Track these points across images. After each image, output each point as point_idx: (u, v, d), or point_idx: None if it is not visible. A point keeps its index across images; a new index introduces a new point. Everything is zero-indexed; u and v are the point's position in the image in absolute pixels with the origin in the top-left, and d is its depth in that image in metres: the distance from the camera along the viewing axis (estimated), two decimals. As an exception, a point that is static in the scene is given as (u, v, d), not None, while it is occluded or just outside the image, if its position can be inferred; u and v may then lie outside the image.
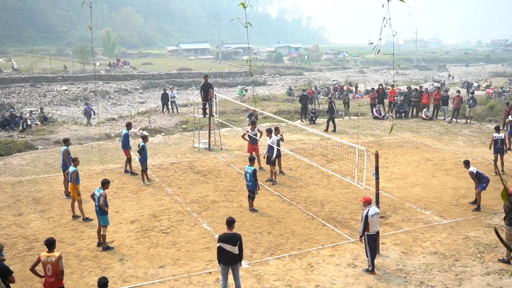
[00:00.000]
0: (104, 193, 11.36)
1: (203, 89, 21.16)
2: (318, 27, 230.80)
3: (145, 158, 16.00)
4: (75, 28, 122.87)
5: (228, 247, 8.99)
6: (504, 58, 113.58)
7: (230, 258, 9.05)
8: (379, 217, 10.49)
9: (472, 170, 13.68)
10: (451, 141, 22.32)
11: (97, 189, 11.55)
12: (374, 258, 10.22)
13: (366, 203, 10.30)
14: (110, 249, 11.35)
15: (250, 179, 13.42)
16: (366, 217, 10.06)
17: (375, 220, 10.16)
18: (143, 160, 16.01)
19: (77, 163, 13.67)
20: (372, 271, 10.16)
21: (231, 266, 9.12)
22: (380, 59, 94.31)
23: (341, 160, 18.18)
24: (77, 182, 13.28)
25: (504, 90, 42.07)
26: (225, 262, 9.09)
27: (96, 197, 11.43)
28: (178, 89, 50.72)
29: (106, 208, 11.32)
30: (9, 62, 67.77)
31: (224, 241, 9.03)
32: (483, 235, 12.06)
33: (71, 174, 13.19)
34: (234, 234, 9.17)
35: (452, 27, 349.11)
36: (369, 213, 10.08)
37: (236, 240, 9.04)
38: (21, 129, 24.94)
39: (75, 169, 13.30)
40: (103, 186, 11.55)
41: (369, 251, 10.14)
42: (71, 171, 13.24)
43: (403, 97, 28.86)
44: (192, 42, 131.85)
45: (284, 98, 38.63)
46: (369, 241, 10.13)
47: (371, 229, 10.11)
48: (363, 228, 10.11)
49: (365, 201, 10.35)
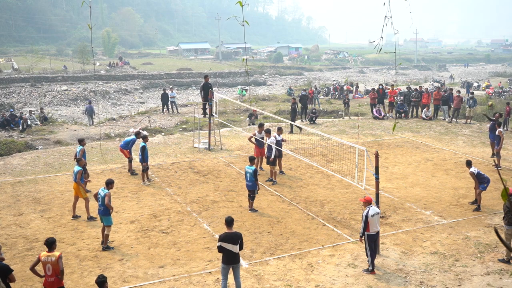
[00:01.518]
0: (108, 193, 11.41)
1: (203, 89, 21.17)
2: (318, 27, 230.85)
3: (145, 158, 16.02)
4: (75, 28, 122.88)
5: (229, 246, 9.00)
6: (504, 58, 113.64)
7: (231, 257, 9.06)
8: (379, 217, 10.49)
9: (473, 171, 13.67)
10: (451, 141, 22.33)
11: (101, 189, 11.56)
12: (374, 258, 10.22)
13: (366, 203, 10.30)
14: (110, 249, 11.35)
15: (251, 179, 13.42)
16: (366, 217, 10.07)
17: (375, 220, 10.16)
18: (143, 160, 16.03)
19: (82, 163, 13.83)
20: (372, 271, 10.16)
21: (232, 265, 9.12)
22: (380, 59, 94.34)
23: (341, 160, 18.18)
24: (82, 181, 13.36)
25: (504, 90, 42.09)
26: (226, 262, 9.09)
27: (100, 197, 11.43)
28: (178, 89, 50.74)
29: (111, 207, 11.38)
30: (9, 62, 67.75)
31: (225, 240, 9.03)
32: (483, 235, 12.07)
33: (76, 174, 13.27)
34: (235, 233, 9.20)
35: (452, 27, 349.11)
36: (369, 213, 10.08)
37: (237, 239, 9.06)
38: (21, 129, 24.94)
39: (80, 168, 13.34)
40: (108, 186, 11.59)
41: (369, 251, 10.14)
42: (76, 171, 13.33)
43: (403, 97, 28.87)
44: (192, 42, 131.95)
45: (284, 98, 38.64)
46: (369, 241, 10.13)
47: (371, 229, 10.11)
48: (363, 228, 10.11)
49: (365, 201, 10.35)
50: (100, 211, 11.47)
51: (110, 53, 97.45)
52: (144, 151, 16.00)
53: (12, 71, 58.56)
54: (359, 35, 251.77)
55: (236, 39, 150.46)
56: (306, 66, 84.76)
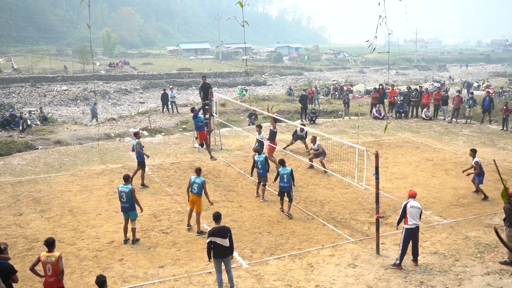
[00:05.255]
0: (133, 188, 11.61)
1: (202, 89, 21.16)
2: (318, 27, 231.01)
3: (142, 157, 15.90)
4: (75, 28, 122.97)
5: (219, 240, 9.20)
6: (504, 58, 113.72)
7: (222, 252, 9.24)
8: (420, 213, 10.53)
9: (477, 161, 14.23)
10: (451, 141, 22.33)
11: (122, 186, 11.61)
12: (404, 254, 10.28)
13: (409, 196, 10.62)
14: (138, 241, 11.67)
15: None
16: (405, 207, 10.29)
17: (413, 213, 10.29)
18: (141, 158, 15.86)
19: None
20: (399, 265, 10.24)
21: (223, 259, 9.30)
22: (380, 59, 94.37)
23: (341, 160, 18.18)
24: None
25: (504, 90, 42.09)
26: (217, 256, 9.26)
27: (124, 194, 11.45)
28: (178, 89, 50.75)
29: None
30: (9, 62, 67.78)
31: (214, 235, 9.23)
32: (483, 235, 12.06)
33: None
34: (223, 226, 9.42)
35: (452, 27, 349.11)
36: (408, 204, 10.31)
37: (226, 233, 9.26)
38: (21, 129, 24.94)
39: (204, 180, 12.65)
40: (127, 181, 11.73)
41: (402, 244, 10.21)
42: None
43: (403, 97, 28.86)
44: (192, 42, 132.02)
45: (284, 98, 38.64)
46: (406, 234, 10.23)
47: (409, 221, 10.23)
48: (400, 217, 10.39)
49: (410, 194, 10.68)
50: (125, 207, 11.53)
51: (110, 53, 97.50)
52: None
53: (12, 71, 58.57)
54: (359, 35, 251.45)
55: (236, 39, 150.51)
56: (306, 66, 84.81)
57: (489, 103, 25.79)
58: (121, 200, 11.59)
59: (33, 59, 60.59)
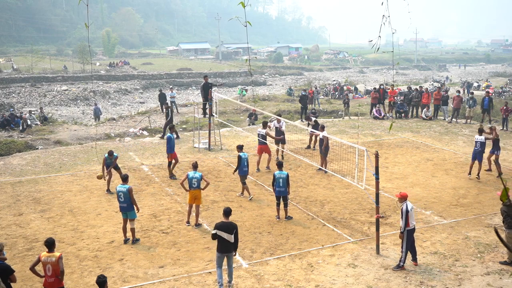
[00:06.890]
0: (131, 187, 11.59)
1: (203, 89, 21.17)
2: (318, 27, 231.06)
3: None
4: (75, 28, 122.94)
5: (224, 235, 9.31)
6: (504, 58, 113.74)
7: (227, 246, 9.37)
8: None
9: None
10: (451, 141, 22.33)
11: (120, 186, 11.60)
12: (407, 254, 10.32)
13: (402, 199, 10.45)
14: (138, 241, 11.67)
15: (283, 185, 12.84)
16: (407, 212, 10.20)
17: (412, 215, 10.36)
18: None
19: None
20: (402, 267, 10.27)
21: (227, 254, 9.42)
22: (380, 59, 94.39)
23: (341, 160, 18.18)
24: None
25: (504, 90, 42.08)
26: (221, 250, 9.38)
27: (122, 193, 11.44)
28: (178, 89, 50.75)
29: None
30: (9, 62, 67.81)
31: (221, 228, 9.34)
32: (483, 235, 12.07)
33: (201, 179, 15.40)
34: (231, 222, 9.51)
35: (452, 27, 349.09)
36: (408, 207, 10.25)
37: (233, 229, 9.37)
38: (21, 129, 24.94)
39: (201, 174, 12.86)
40: (125, 181, 11.76)
41: (405, 246, 10.23)
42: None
43: (403, 97, 28.85)
44: (192, 42, 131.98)
45: (284, 98, 38.64)
46: (408, 236, 10.25)
47: (410, 224, 10.26)
48: (405, 223, 10.21)
49: (401, 196, 10.50)
50: (124, 207, 11.53)
51: (110, 53, 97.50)
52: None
53: (12, 71, 58.59)
54: (359, 35, 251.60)
55: (236, 39, 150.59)
56: (306, 66, 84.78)
57: (488, 103, 25.83)
58: (119, 200, 11.59)
59: (33, 59, 60.63)
